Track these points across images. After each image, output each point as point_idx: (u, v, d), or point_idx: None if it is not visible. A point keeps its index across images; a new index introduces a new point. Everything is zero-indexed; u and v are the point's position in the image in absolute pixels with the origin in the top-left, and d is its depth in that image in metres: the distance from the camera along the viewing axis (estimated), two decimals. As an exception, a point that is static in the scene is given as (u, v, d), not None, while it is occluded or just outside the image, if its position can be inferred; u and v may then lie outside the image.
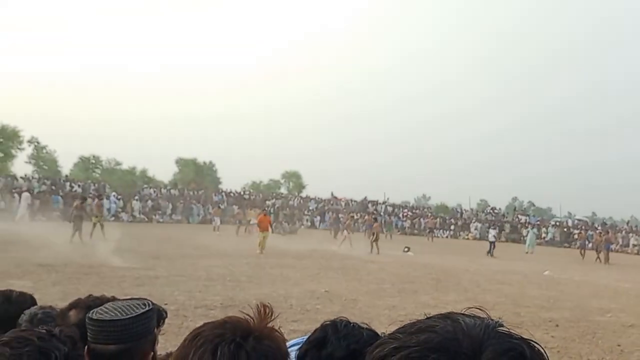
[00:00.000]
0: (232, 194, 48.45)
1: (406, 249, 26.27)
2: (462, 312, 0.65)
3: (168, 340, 5.44)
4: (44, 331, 1.38)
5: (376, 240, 23.89)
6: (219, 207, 38.58)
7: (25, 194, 31.51)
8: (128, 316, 1.69)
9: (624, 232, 45.44)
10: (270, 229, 21.00)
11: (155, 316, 1.86)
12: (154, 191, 44.35)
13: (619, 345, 8.87)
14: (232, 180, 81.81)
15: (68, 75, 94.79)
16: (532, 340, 0.62)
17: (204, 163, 55.73)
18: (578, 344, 8.77)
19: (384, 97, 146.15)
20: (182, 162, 54.48)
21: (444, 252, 27.32)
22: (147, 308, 1.77)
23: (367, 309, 10.23)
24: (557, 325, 10.07)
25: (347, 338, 1.48)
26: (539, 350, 0.61)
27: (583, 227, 48.61)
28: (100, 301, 1.97)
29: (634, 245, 38.97)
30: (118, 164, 52.23)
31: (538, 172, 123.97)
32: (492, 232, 30.39)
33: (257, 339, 1.19)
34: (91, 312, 1.75)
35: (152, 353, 1.81)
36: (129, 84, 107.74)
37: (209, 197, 44.94)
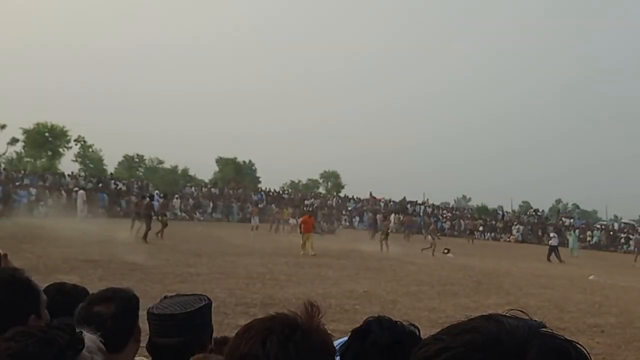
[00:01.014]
0: (271, 193, 48.85)
1: (446, 251, 25.95)
2: (504, 314, 0.65)
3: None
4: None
5: (385, 238, 23.74)
6: (258, 206, 38.96)
7: (81, 192, 32.86)
8: (187, 310, 1.79)
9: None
10: (312, 230, 20.56)
11: (211, 311, 1.94)
12: (195, 190, 45.09)
13: (666, 353, 8.60)
14: (271, 179, 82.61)
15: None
16: (575, 342, 0.63)
17: (244, 162, 56.35)
18: (624, 351, 8.55)
19: (423, 99, 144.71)
20: (222, 162, 55.22)
21: (484, 255, 26.88)
22: (204, 302, 1.87)
23: (406, 311, 10.17)
24: (602, 331, 9.82)
25: (390, 330, 1.54)
26: (582, 351, 0.61)
27: (629, 231, 47.10)
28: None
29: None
30: (160, 162, 53.38)
31: (582, 173, 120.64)
32: (554, 236, 29.68)
33: (304, 333, 1.22)
34: (151, 307, 1.85)
35: (210, 345, 1.90)
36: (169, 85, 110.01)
37: (248, 196, 45.43)
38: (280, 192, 51.45)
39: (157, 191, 40.18)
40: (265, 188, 51.12)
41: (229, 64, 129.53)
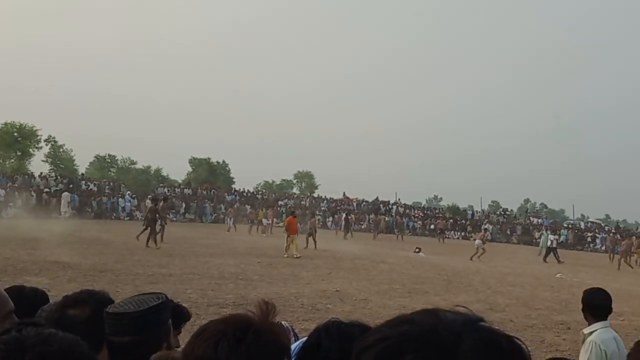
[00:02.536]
0: (245, 194, 48.65)
1: (417, 250, 26.26)
2: (446, 308, 0.67)
3: (180, 337, 5.55)
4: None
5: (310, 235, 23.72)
6: (232, 206, 38.78)
7: (66, 194, 32.36)
8: (140, 308, 1.79)
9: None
10: (297, 232, 20.10)
11: (168, 309, 1.93)
12: (168, 190, 44.66)
13: (631, 348, 8.86)
14: (245, 180, 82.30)
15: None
16: (515, 337, 0.65)
17: (217, 163, 56.00)
18: (589, 347, 8.76)
19: (398, 102, 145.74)
20: (195, 162, 54.77)
21: (455, 254, 27.25)
22: (159, 301, 1.86)
23: (377, 309, 10.29)
24: (568, 328, 10.04)
25: (339, 340, 1.50)
26: (519, 345, 0.63)
27: (596, 230, 48.22)
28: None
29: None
30: (133, 163, 52.69)
31: (550, 174, 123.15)
32: (552, 237, 29.73)
33: (256, 333, 1.23)
34: (109, 306, 1.85)
35: (167, 344, 1.88)
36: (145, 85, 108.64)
37: (222, 197, 45.16)
38: (254, 192, 51.28)
39: (129, 192, 39.74)
40: (239, 188, 50.91)
41: (203, 68, 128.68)
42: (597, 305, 3.98)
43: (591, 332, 3.86)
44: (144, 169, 52.16)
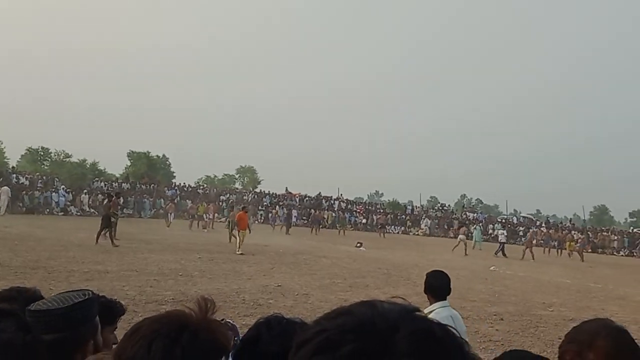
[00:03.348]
0: (185, 189, 47.80)
1: (358, 245, 26.61)
2: (383, 299, 0.68)
3: (117, 332, 5.41)
4: None
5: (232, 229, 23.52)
6: (173, 201, 38.03)
7: (5, 188, 30.73)
8: (64, 306, 1.74)
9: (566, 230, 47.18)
10: (248, 227, 19.87)
11: (95, 306, 1.88)
12: (105, 185, 43.28)
13: (559, 338, 9.14)
14: (186, 174, 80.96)
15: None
16: (449, 326, 0.67)
17: (157, 157, 54.71)
18: (521, 337, 9.13)
19: (335, 95, 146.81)
20: (134, 156, 53.29)
21: (394, 248, 27.78)
22: (85, 298, 1.81)
23: (319, 304, 10.36)
24: (501, 319, 10.44)
25: (280, 335, 1.48)
26: (452, 333, 0.65)
27: (528, 224, 50.30)
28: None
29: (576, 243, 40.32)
30: (67, 156, 50.64)
31: (485, 170, 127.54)
32: (502, 233, 31.00)
33: (193, 334, 1.18)
34: (32, 304, 1.79)
35: (93, 341, 1.83)
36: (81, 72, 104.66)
37: (161, 192, 44.19)
38: (196, 187, 50.45)
39: (63, 186, 38.19)
40: (180, 183, 49.97)
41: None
42: (435, 286, 4.22)
43: (430, 312, 4.03)
44: (79, 162, 50.19)
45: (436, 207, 60.31)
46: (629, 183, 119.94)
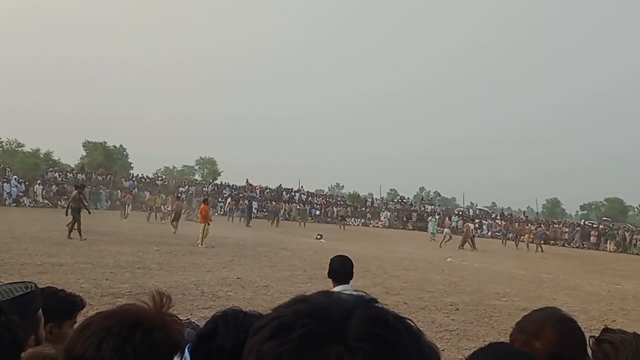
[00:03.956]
0: (143, 180, 46.94)
1: (319, 237, 26.73)
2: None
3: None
4: None
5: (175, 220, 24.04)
6: (130, 193, 37.32)
7: None
8: (4, 299, 1.69)
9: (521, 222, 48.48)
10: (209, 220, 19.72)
11: (38, 299, 1.83)
12: (59, 175, 42.09)
13: (512, 328, 9.51)
14: (143, 165, 79.58)
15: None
16: (406, 318, 0.68)
17: (114, 147, 53.52)
18: (476, 327, 9.35)
19: (299, 89, 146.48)
20: (90, 146, 52.00)
21: (354, 240, 28.00)
22: (27, 291, 1.76)
23: (278, 295, 10.36)
24: (457, 309, 10.67)
25: (237, 328, 1.45)
26: (408, 324, 0.66)
27: (483, 216, 51.43)
28: None
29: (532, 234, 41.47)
30: (20, 145, 48.99)
31: (443, 163, 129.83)
32: (472, 226, 31.63)
33: (146, 332, 1.13)
34: None
35: (34, 336, 1.78)
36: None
37: (118, 183, 43.28)
38: (154, 178, 49.59)
39: (15, 177, 36.95)
40: (138, 174, 49.03)
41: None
42: (338, 270, 4.37)
43: None
44: (32, 152, 48.67)
45: (395, 200, 61.02)
46: (580, 176, 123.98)
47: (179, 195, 30.54)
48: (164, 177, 53.48)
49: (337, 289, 4.21)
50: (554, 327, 1.46)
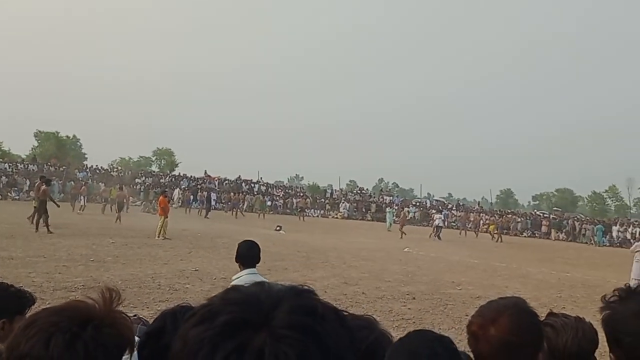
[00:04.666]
0: (98, 171, 45.83)
1: (278, 228, 26.70)
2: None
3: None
4: None
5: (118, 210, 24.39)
6: (84, 184, 36.37)
7: None
8: None
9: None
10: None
11: None
12: (9, 166, 40.68)
13: (466, 315, 9.76)
14: (98, 156, 77.71)
15: None
16: (342, 310, 0.68)
17: (67, 137, 52.01)
18: (431, 315, 9.54)
19: (263, 76, 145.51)
20: (41, 136, 50.38)
21: (313, 231, 28.09)
22: None
23: (237, 287, 10.33)
24: (413, 298, 10.85)
25: None
26: (340, 314, 0.67)
27: (439, 207, 52.35)
28: None
29: (484, 224, 42.59)
30: (-35, 135, 47.14)
31: (401, 155, 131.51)
32: (439, 217, 31.95)
33: (96, 328, 1.10)
34: None
35: None
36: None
37: (72, 174, 42.11)
38: (109, 169, 48.47)
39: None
40: (92, 165, 47.82)
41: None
42: (243, 254, 4.46)
43: (237, 278, 4.32)
44: (-21, 142, 46.94)
45: (355, 191, 61.46)
46: (532, 167, 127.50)
47: (121, 186, 29.87)
48: (119, 168, 52.35)
49: (243, 273, 4.35)
50: (511, 316, 1.50)
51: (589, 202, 73.77)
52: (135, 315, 2.03)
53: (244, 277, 4.33)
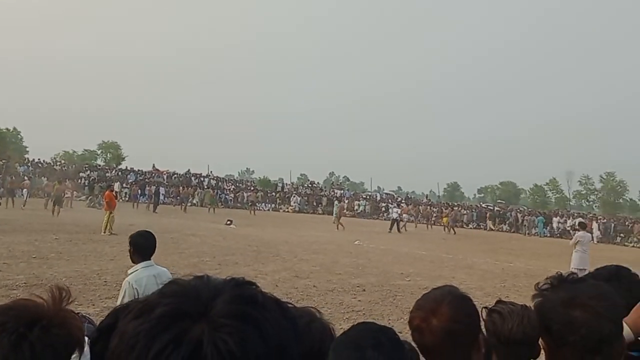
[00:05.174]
0: (40, 165, 44.17)
1: (229, 222, 26.48)
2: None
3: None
4: None
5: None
6: (26, 179, 35.00)
7: None
8: None
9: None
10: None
11: None
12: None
13: (414, 306, 10.03)
14: (40, 149, 74.97)
15: None
16: (285, 302, 0.68)
17: (7, 130, 49.85)
18: (381, 306, 9.70)
19: (218, 64, 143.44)
20: (-22, 128, 48.12)
21: (265, 225, 28.00)
22: None
23: (186, 283, 10.21)
24: (364, 290, 11.00)
25: None
26: (282, 304, 0.67)
27: (389, 200, 53.15)
28: None
29: (434, 217, 43.51)
30: None
31: (352, 149, 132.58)
32: (396, 210, 32.17)
33: (44, 328, 1.08)
34: None
35: None
36: None
37: (12, 168, 40.41)
38: (52, 163, 46.78)
39: None
40: (34, 159, 46.04)
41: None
42: (142, 245, 4.47)
43: (135, 270, 4.34)
44: None
45: (306, 185, 61.56)
46: (477, 161, 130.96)
47: (61, 179, 28.99)
48: (63, 162, 50.61)
49: (140, 265, 4.33)
50: (450, 304, 1.54)
51: (530, 195, 76.34)
52: (78, 313, 1.98)
53: (141, 270, 4.29)
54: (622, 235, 40.40)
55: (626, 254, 26.32)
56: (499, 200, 66.74)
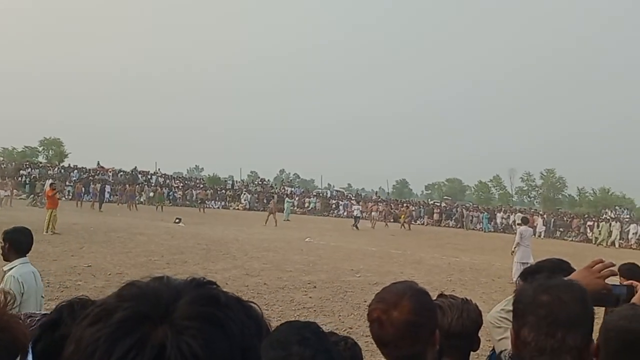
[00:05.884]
0: (-25, 162, 42.22)
1: (177, 220, 26.08)
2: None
3: None
4: None
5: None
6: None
7: None
8: None
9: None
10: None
11: None
12: None
13: (365, 301, 10.08)
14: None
15: None
16: (250, 302, 0.67)
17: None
18: (332, 302, 9.80)
19: (165, 64, 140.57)
20: None
21: (214, 223, 27.72)
22: None
23: (133, 282, 10.01)
24: (314, 287, 11.08)
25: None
26: (245, 304, 0.66)
27: (339, 197, 53.57)
28: None
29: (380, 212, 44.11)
30: None
31: (302, 145, 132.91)
32: (357, 207, 32.36)
33: None
34: None
35: None
36: None
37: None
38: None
39: None
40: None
41: None
42: (20, 241, 4.43)
43: (11, 268, 4.32)
44: None
45: (256, 182, 61.24)
46: (425, 158, 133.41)
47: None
48: (2, 159, 48.52)
49: (17, 262, 4.26)
50: (411, 298, 1.58)
51: (475, 191, 78.39)
52: (33, 313, 1.92)
53: (18, 267, 4.20)
54: (561, 230, 42.06)
55: (566, 247, 27.45)
56: (446, 197, 68.29)
